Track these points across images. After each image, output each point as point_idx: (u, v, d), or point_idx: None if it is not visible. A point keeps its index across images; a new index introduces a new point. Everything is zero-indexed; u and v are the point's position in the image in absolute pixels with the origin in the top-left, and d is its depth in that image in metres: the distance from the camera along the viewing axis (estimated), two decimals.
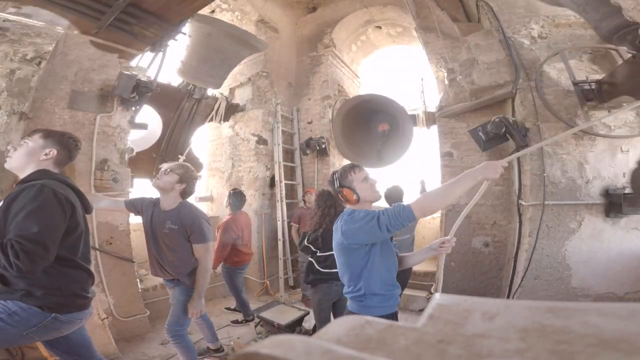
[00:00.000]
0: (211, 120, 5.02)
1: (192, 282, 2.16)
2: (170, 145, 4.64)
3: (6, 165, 1.52)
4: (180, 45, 3.85)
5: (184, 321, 2.25)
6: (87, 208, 1.62)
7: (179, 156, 4.55)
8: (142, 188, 4.02)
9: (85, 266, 1.54)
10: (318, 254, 2.48)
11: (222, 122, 5.13)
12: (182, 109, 4.64)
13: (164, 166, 2.17)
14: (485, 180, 1.45)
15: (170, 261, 2.14)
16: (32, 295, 1.36)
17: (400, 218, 1.38)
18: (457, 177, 1.43)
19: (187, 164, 2.26)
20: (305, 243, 2.54)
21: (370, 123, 4.93)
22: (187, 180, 2.13)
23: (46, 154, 1.50)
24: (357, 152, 4.87)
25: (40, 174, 1.45)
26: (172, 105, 4.57)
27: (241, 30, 4.35)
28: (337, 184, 1.62)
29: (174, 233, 2.08)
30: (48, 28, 2.63)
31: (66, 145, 1.57)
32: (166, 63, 3.55)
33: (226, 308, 4.06)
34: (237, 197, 3.73)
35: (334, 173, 1.67)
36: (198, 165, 4.99)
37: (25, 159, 1.48)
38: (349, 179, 1.60)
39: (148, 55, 3.42)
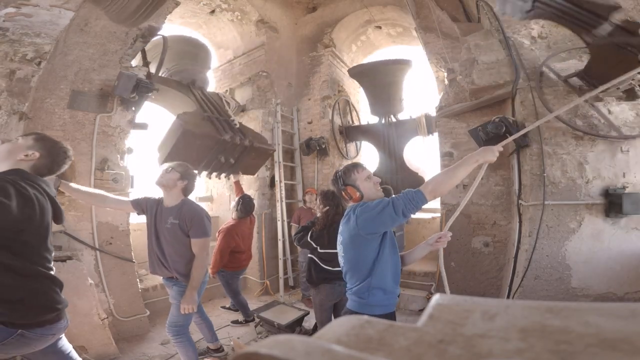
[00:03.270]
0: None
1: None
2: None
3: None
4: None
5: (185, 320, 2.26)
6: (57, 218, 1.51)
7: None
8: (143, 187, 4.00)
9: (48, 273, 1.39)
10: (320, 250, 2.47)
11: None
12: None
13: (165, 165, 2.24)
14: (485, 162, 1.61)
15: (169, 255, 2.17)
16: None
17: (414, 202, 1.47)
18: (459, 161, 1.58)
19: (185, 163, 2.33)
20: (309, 240, 2.52)
21: None
22: (187, 177, 2.22)
23: (26, 155, 1.41)
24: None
25: (9, 172, 1.35)
26: None
27: None
28: (340, 183, 1.66)
29: (175, 227, 2.14)
30: (48, 28, 2.62)
31: (52, 153, 1.47)
32: None
33: (222, 307, 4.07)
34: (247, 204, 3.56)
35: (337, 172, 1.72)
36: None
37: (4, 154, 1.40)
38: (352, 177, 1.64)
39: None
